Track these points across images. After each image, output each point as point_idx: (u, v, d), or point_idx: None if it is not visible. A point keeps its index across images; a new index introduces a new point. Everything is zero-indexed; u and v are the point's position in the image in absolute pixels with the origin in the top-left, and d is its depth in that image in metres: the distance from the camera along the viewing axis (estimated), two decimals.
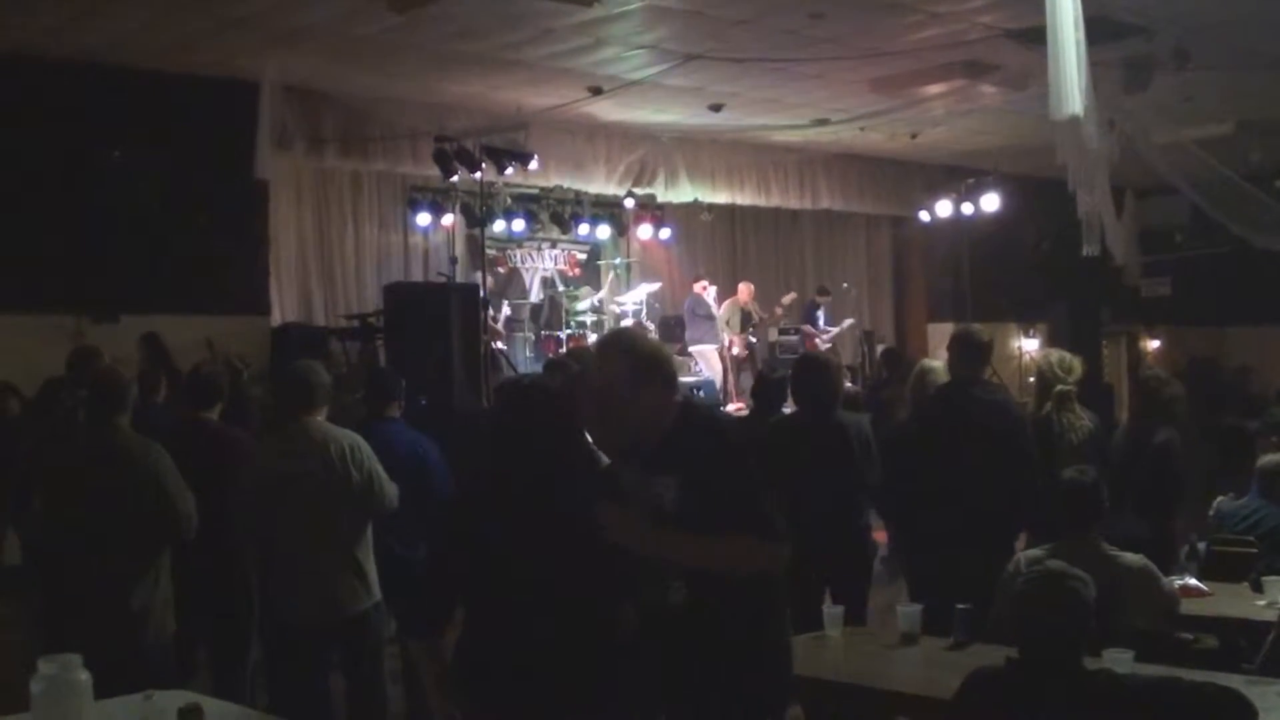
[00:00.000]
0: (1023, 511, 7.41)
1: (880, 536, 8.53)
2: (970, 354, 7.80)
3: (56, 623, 6.39)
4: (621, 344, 4.59)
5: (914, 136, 18.43)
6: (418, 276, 17.76)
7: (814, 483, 7.63)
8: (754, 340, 19.61)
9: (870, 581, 8.02)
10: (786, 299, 20.18)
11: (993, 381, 8.09)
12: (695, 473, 4.24)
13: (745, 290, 19.73)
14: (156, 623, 6.45)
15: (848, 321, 20.65)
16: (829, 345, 19.49)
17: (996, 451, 7.31)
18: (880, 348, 19.66)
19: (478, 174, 15.48)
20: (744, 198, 19.63)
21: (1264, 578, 7.07)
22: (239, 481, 6.85)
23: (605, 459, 4.71)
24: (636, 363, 4.35)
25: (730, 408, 17.29)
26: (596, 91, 15.20)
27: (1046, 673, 3.98)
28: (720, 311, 19.56)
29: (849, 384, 17.31)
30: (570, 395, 4.34)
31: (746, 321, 19.53)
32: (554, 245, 19.81)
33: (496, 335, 17.31)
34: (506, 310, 18.18)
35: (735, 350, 19.37)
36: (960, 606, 6.05)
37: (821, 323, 20.11)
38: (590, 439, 4.72)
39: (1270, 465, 8.30)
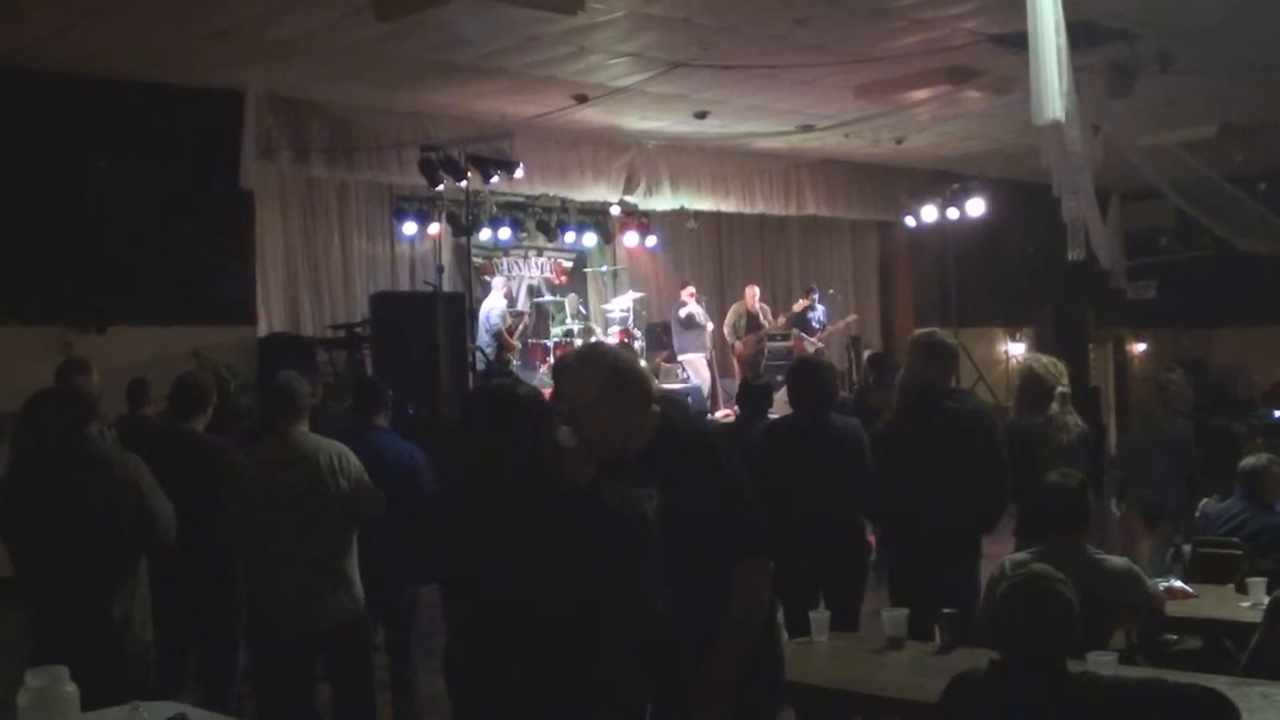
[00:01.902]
0: (991, 517, 7.45)
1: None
2: (935, 360, 7.79)
3: (41, 634, 6.39)
4: (593, 358, 4.63)
5: (899, 142, 18.45)
6: (404, 286, 17.76)
7: (809, 486, 7.63)
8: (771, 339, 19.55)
9: (865, 585, 8.02)
10: (849, 319, 20.39)
11: (961, 388, 8.09)
12: (677, 483, 4.28)
13: (751, 293, 19.73)
14: (136, 631, 6.44)
15: (851, 318, 20.68)
16: (820, 346, 19.44)
17: (968, 459, 7.32)
18: (867, 353, 19.64)
19: (463, 183, 15.49)
20: (730, 204, 19.64)
21: (1249, 579, 7.10)
22: (225, 492, 6.86)
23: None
24: (611, 376, 4.39)
25: (719, 414, 17.32)
26: (582, 99, 15.21)
27: (1030, 676, 3.98)
28: (727, 316, 19.60)
29: None
30: (540, 400, 4.34)
31: (753, 324, 19.53)
32: (540, 253, 19.82)
33: (512, 348, 17.35)
34: (525, 323, 18.12)
35: (738, 351, 19.41)
36: (946, 610, 6.07)
37: (817, 321, 20.04)
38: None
39: (1252, 466, 8.34)
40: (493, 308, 17.68)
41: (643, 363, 5.04)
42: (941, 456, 7.33)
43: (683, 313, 19.12)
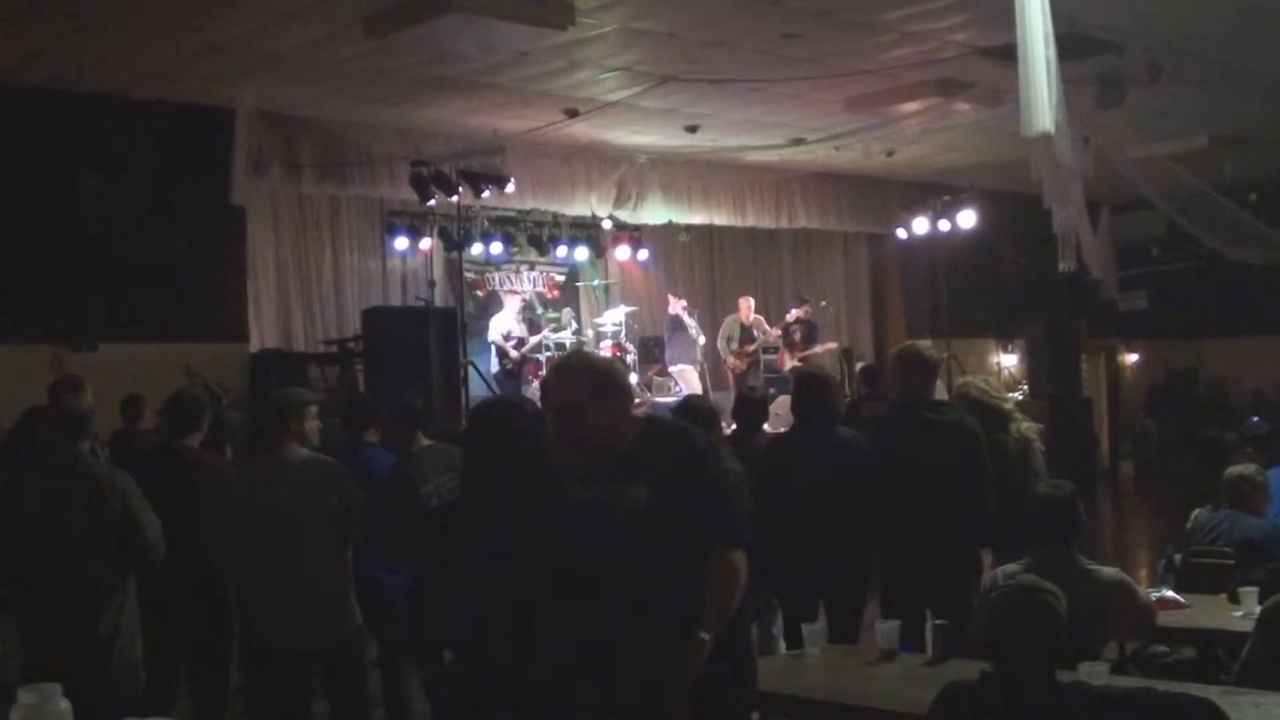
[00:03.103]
0: (979, 530, 7.46)
1: None
2: (915, 372, 7.82)
3: (31, 650, 6.40)
4: (575, 362, 4.96)
5: (890, 154, 18.47)
6: (396, 301, 17.74)
7: (815, 499, 7.64)
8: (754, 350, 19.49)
9: (865, 598, 8.03)
10: (829, 346, 20.21)
11: (946, 401, 8.10)
12: (662, 479, 4.47)
13: (745, 305, 19.70)
14: (124, 647, 6.46)
15: (830, 345, 20.55)
16: (796, 364, 19.41)
17: (949, 473, 7.34)
18: (859, 365, 19.68)
19: (455, 198, 15.49)
20: (721, 218, 19.64)
21: (1241, 589, 7.11)
22: (219, 508, 6.86)
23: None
24: (594, 377, 4.62)
25: None
26: (573, 114, 15.21)
27: (1020, 686, 3.99)
28: (721, 328, 19.58)
29: None
30: (539, 415, 4.41)
31: (747, 337, 19.50)
32: (532, 268, 19.83)
33: (511, 362, 17.37)
34: (544, 336, 18.10)
35: (731, 365, 19.39)
36: (937, 622, 6.09)
37: (798, 338, 20.00)
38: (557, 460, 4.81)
39: (1234, 475, 8.40)
40: (495, 323, 17.74)
41: (633, 377, 5.15)
42: (921, 468, 7.36)
43: (671, 311, 19.16)
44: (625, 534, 4.33)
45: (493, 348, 17.61)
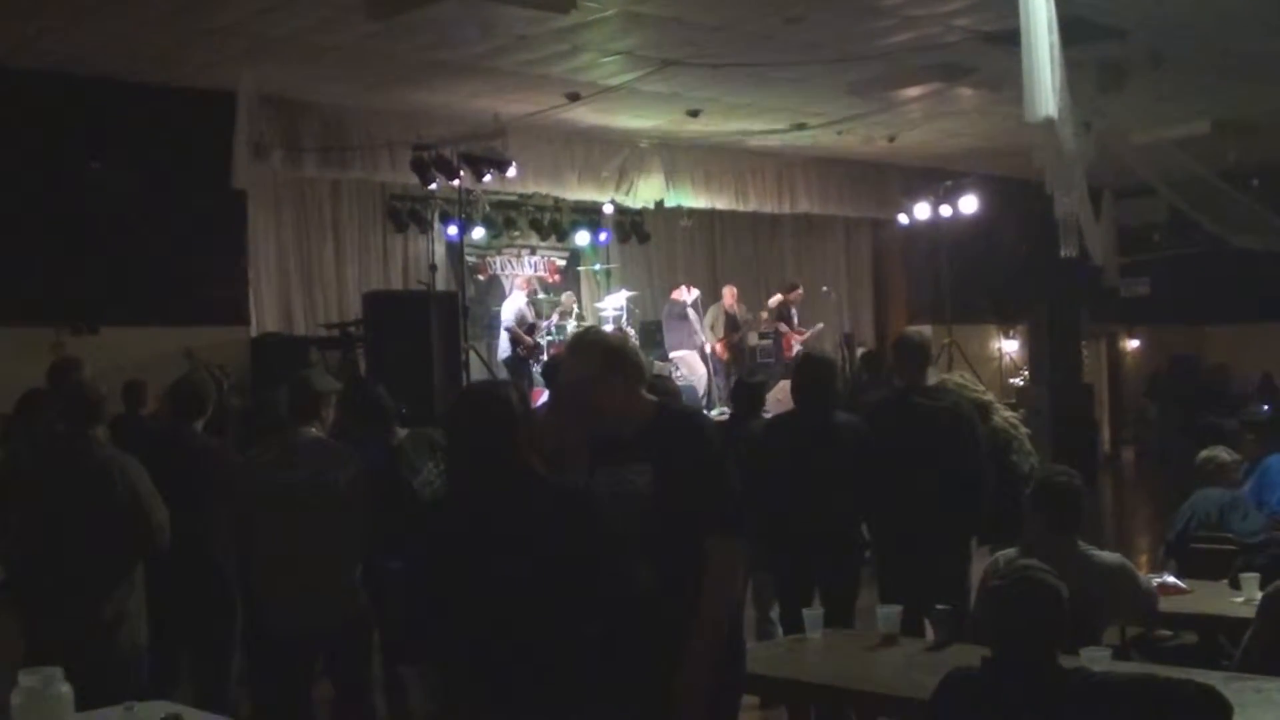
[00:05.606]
0: (973, 516, 7.47)
1: None
2: (906, 358, 7.87)
3: (34, 634, 6.40)
4: (590, 338, 5.02)
5: (892, 139, 18.45)
6: (397, 285, 17.74)
7: (811, 482, 7.64)
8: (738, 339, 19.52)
9: (859, 582, 8.02)
10: (774, 301, 20.06)
11: (940, 387, 8.11)
12: (670, 462, 4.50)
13: (730, 293, 19.72)
14: (129, 632, 6.46)
15: (818, 325, 20.48)
16: (801, 346, 19.43)
17: (944, 458, 7.36)
18: (860, 351, 19.64)
19: (456, 181, 15.47)
20: (723, 203, 19.63)
21: (1242, 575, 7.11)
22: (227, 491, 6.86)
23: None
24: (607, 353, 4.67)
25: (714, 413, 17.27)
26: (574, 98, 15.19)
27: (1022, 671, 3.99)
28: (705, 316, 19.56)
29: None
30: (523, 399, 4.40)
31: (731, 325, 19.52)
32: (533, 252, 19.81)
33: (528, 346, 17.34)
34: (550, 322, 18.09)
35: (718, 352, 19.38)
36: (939, 607, 6.09)
37: (796, 321, 20.01)
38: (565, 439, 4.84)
39: (1201, 459, 8.76)
40: (507, 308, 17.73)
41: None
42: (915, 453, 7.38)
43: (683, 300, 19.16)
44: (619, 527, 4.32)
45: (505, 333, 17.58)
